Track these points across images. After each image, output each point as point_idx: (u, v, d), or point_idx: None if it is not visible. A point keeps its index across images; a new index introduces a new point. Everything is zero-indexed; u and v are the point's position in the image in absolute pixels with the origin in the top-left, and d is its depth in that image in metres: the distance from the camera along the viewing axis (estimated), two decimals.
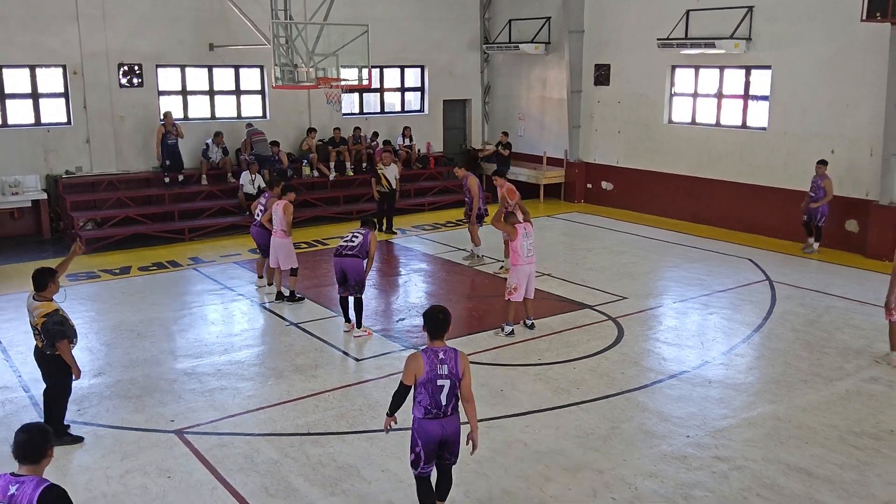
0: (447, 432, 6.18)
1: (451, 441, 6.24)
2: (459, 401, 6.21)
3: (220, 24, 18.45)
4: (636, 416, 8.52)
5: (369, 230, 11.05)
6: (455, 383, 6.08)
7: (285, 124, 20.05)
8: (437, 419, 6.12)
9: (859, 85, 15.06)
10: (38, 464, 4.41)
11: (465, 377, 6.11)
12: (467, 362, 6.16)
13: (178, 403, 8.89)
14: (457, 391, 6.13)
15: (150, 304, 12.53)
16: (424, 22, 21.75)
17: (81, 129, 17.59)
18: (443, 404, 6.08)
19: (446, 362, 6.03)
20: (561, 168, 21.28)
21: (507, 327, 10.90)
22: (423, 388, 6.05)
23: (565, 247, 16.73)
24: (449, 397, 6.09)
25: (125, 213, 17.03)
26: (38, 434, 4.43)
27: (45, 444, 4.43)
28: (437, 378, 6.01)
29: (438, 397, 6.05)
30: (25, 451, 4.38)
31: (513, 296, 10.78)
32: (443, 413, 6.11)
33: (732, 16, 16.76)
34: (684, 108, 18.63)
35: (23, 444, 4.39)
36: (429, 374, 6.00)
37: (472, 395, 6.22)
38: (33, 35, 16.73)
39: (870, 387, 9.29)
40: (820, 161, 15.03)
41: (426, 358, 6.04)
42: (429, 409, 6.09)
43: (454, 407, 6.17)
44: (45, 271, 7.75)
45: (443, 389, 6.04)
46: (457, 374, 6.06)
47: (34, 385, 9.04)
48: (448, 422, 6.16)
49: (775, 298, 12.54)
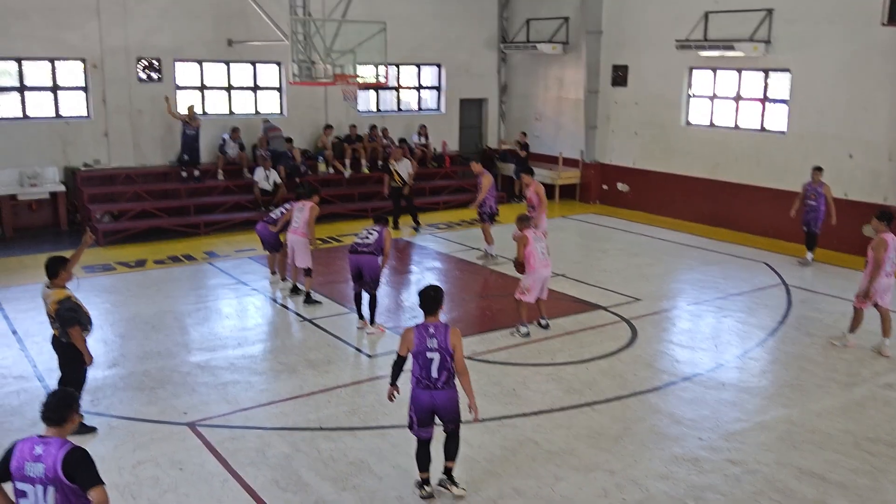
0: (437, 403, 6.60)
1: (442, 411, 6.65)
2: (455, 376, 6.60)
3: (239, 20, 18.52)
4: (648, 418, 8.49)
5: (384, 227, 11.08)
6: (445, 357, 6.49)
7: (302, 121, 20.10)
8: (428, 390, 6.56)
9: (878, 89, 14.94)
10: (63, 427, 4.61)
11: (457, 351, 6.53)
12: (459, 337, 6.57)
13: (192, 396, 8.94)
14: (449, 365, 6.52)
15: (165, 297, 12.60)
16: (442, 20, 21.74)
17: (100, 122, 17.71)
18: (433, 376, 6.52)
19: (436, 336, 6.51)
20: (577, 169, 21.23)
21: (523, 328, 10.87)
22: (415, 359, 6.56)
23: (580, 248, 16.70)
24: (440, 370, 6.52)
25: (142, 207, 17.13)
26: (63, 398, 4.67)
27: (69, 409, 4.65)
28: (427, 351, 6.50)
29: (429, 369, 6.52)
30: (50, 414, 4.59)
31: (524, 296, 10.74)
32: (433, 385, 6.54)
33: (751, 18, 16.66)
34: (702, 111, 18.54)
35: (49, 406, 4.61)
36: (418, 346, 6.51)
37: (466, 369, 6.64)
38: (54, 29, 16.85)
39: (886, 393, 9.21)
40: (816, 167, 14.64)
41: (417, 332, 6.57)
42: (420, 378, 6.56)
43: (446, 381, 6.57)
44: (56, 260, 7.81)
45: (432, 362, 6.50)
46: (447, 349, 6.49)
47: (49, 375, 9.11)
48: (438, 394, 6.57)
49: (791, 302, 12.46)
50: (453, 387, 6.65)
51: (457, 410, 6.71)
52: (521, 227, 10.84)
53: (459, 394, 6.74)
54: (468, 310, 11.93)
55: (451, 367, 6.54)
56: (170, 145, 18.30)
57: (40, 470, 4.43)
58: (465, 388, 6.63)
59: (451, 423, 6.75)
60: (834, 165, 15.70)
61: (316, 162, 19.72)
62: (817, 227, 14.75)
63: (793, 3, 16.10)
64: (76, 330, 7.68)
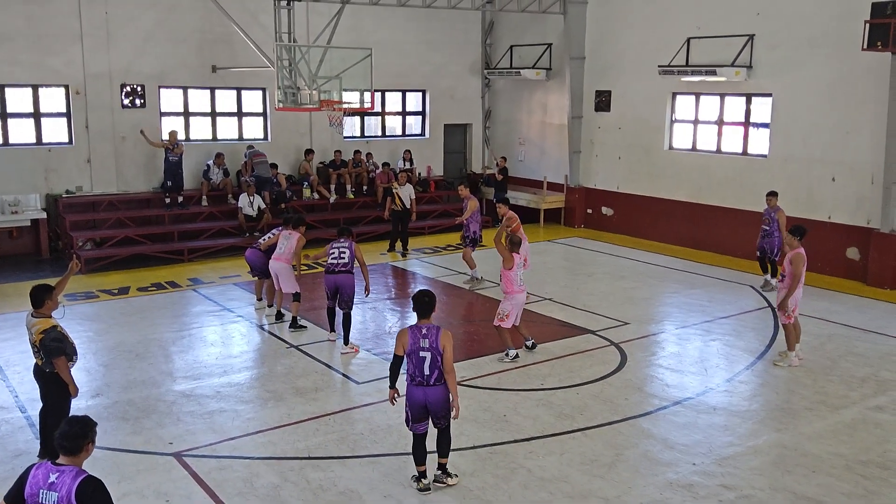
0: (429, 399, 7.11)
1: (434, 406, 7.15)
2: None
3: (224, 46, 18.52)
4: (641, 443, 8.43)
5: (350, 240, 11.35)
6: (436, 357, 7.03)
7: (286, 146, 20.08)
8: (421, 386, 7.10)
9: (860, 113, 15.11)
10: (77, 456, 4.62)
11: (447, 352, 7.06)
12: (449, 339, 7.12)
13: (177, 426, 8.78)
14: (439, 364, 7.05)
15: (149, 324, 12.44)
16: (426, 46, 21.86)
17: (83, 148, 17.59)
18: (426, 373, 7.06)
19: (428, 337, 7.05)
20: (561, 193, 21.30)
21: (512, 352, 10.81)
22: (409, 358, 7.09)
23: (566, 271, 16.69)
24: (432, 368, 7.05)
25: (125, 234, 16.98)
26: (79, 428, 4.65)
27: (85, 438, 4.65)
28: (420, 350, 7.04)
29: (422, 367, 7.05)
30: (66, 443, 4.59)
31: (504, 322, 10.67)
32: (426, 382, 7.07)
33: (733, 44, 16.85)
34: (685, 135, 18.69)
35: (64, 436, 4.60)
36: (412, 346, 7.07)
37: (453, 368, 7.15)
38: (37, 55, 16.77)
39: (876, 415, 9.21)
40: (770, 192, 14.53)
41: (411, 333, 7.13)
42: (414, 376, 7.10)
43: (438, 378, 7.08)
44: (41, 288, 7.69)
45: (425, 360, 7.04)
46: (437, 349, 7.02)
47: (31, 405, 8.93)
48: (431, 390, 7.10)
49: (777, 325, 12.47)
50: (443, 385, 7.14)
51: (448, 407, 7.19)
52: (513, 250, 10.76)
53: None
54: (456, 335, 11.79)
55: (441, 365, 7.05)
56: (153, 171, 18.20)
57: (53, 499, 4.46)
58: (450, 386, 7.13)
59: (443, 419, 7.25)
60: (817, 189, 15.86)
61: (301, 187, 19.66)
62: (773, 253, 14.38)
63: (774, 29, 16.30)
64: (62, 361, 7.53)
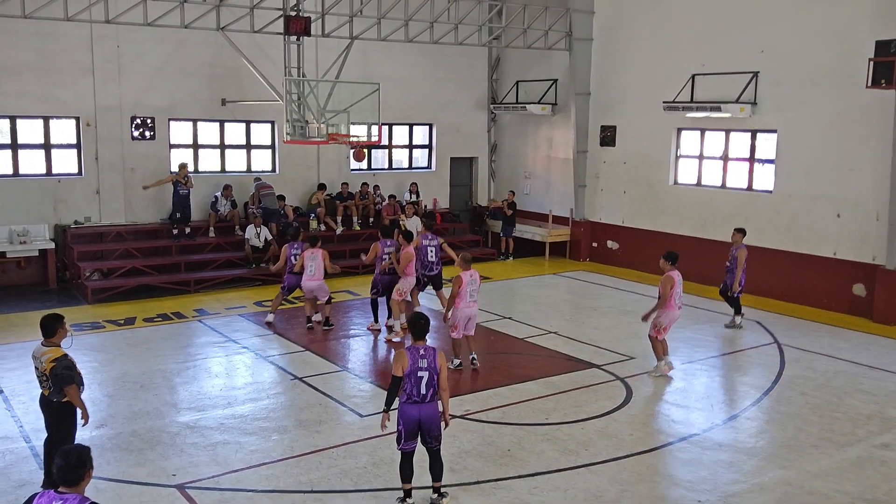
0: (424, 415, 7.45)
1: (428, 423, 7.48)
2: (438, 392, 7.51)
3: (233, 79, 18.75)
4: (646, 480, 8.38)
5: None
6: (433, 376, 7.42)
7: (294, 179, 20.23)
8: (416, 404, 7.43)
9: (864, 149, 15.18)
10: (78, 486, 4.72)
11: (443, 371, 7.51)
12: (444, 359, 7.59)
13: (181, 457, 8.77)
14: (435, 383, 7.44)
15: (154, 355, 12.46)
16: (434, 82, 22.09)
17: (92, 179, 17.75)
18: (422, 392, 7.41)
19: (426, 357, 7.42)
20: (566, 226, 21.36)
21: (456, 360, 11.80)
22: (408, 378, 7.39)
23: (571, 305, 16.70)
24: (428, 387, 7.42)
25: (132, 264, 17.06)
26: (76, 459, 4.74)
27: (84, 468, 4.75)
28: (418, 370, 7.38)
29: (419, 386, 7.39)
30: (64, 475, 4.69)
31: (453, 332, 11.73)
32: (422, 400, 7.43)
33: (738, 80, 17.00)
34: (690, 170, 18.78)
35: (61, 468, 4.69)
36: (412, 366, 7.39)
37: (447, 386, 7.60)
38: (48, 87, 17.00)
39: (882, 453, 9.15)
40: (737, 229, 14.57)
41: (409, 354, 7.45)
42: (411, 395, 7.43)
43: (433, 395, 7.48)
44: (52, 317, 7.75)
45: (422, 380, 7.39)
46: (435, 368, 7.43)
47: (35, 435, 8.93)
48: (426, 407, 7.46)
49: (784, 361, 12.44)
50: (437, 402, 7.55)
51: (440, 427, 7.57)
52: (463, 267, 11.65)
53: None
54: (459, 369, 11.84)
55: (436, 384, 7.45)
56: (161, 202, 18.32)
57: None
58: (444, 402, 7.58)
59: (435, 439, 7.57)
60: (822, 225, 15.88)
61: (308, 219, 19.78)
62: (733, 292, 14.28)
63: (778, 66, 16.45)
64: (73, 388, 7.56)
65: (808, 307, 15.61)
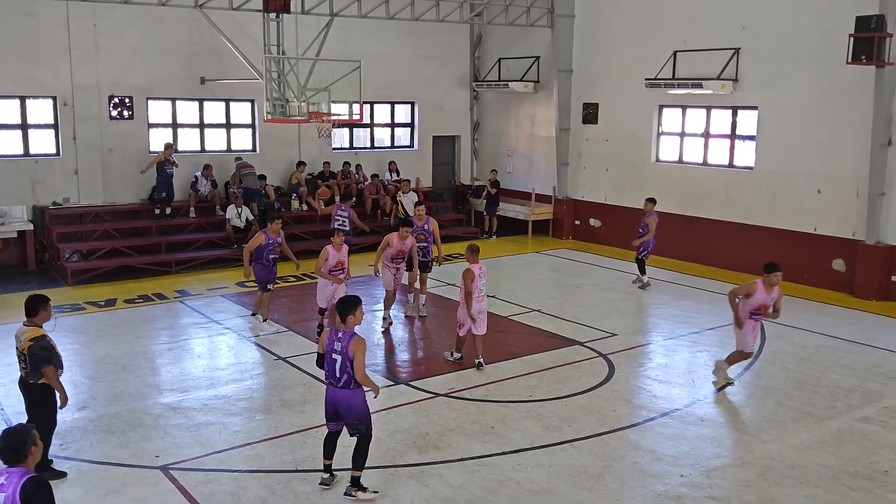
0: (336, 400, 7.24)
1: (341, 409, 7.23)
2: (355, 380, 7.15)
3: (212, 58, 18.52)
4: (629, 455, 8.44)
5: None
6: (346, 361, 7.06)
7: (275, 158, 20.07)
8: (331, 386, 7.25)
9: (845, 125, 15.24)
10: (24, 462, 4.77)
11: (356, 359, 7.05)
12: (360, 347, 7.08)
13: (164, 439, 8.73)
14: (349, 369, 7.06)
15: (136, 336, 12.37)
16: (415, 59, 21.93)
17: (70, 160, 17.52)
18: (336, 375, 7.17)
19: (342, 341, 7.12)
20: (549, 204, 21.37)
21: (457, 354, 11.24)
22: (324, 358, 7.26)
23: (554, 283, 16.73)
24: (341, 372, 7.12)
25: (112, 245, 16.89)
26: (15, 437, 4.79)
27: (24, 445, 4.77)
28: (332, 352, 7.17)
29: (333, 368, 7.18)
30: (4, 454, 4.77)
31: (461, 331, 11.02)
32: (335, 384, 7.19)
33: (719, 57, 16.99)
34: (671, 147, 18.80)
35: (3, 449, 4.77)
36: (326, 347, 7.23)
37: (364, 377, 7.12)
38: (24, 67, 16.71)
39: (862, 426, 9.26)
40: (648, 199, 15.89)
41: (328, 334, 7.29)
42: (327, 375, 7.29)
43: (346, 382, 7.13)
44: (36, 297, 7.70)
45: (336, 363, 7.15)
46: (347, 354, 7.05)
47: (16, 418, 8.83)
48: (338, 392, 7.20)
49: (765, 337, 12.53)
50: (354, 391, 7.18)
51: (359, 416, 7.23)
52: (472, 260, 10.87)
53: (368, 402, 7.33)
54: (445, 346, 11.84)
55: (350, 371, 7.06)
56: (141, 183, 18.14)
57: (1, 500, 4.60)
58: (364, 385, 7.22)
59: (353, 427, 7.30)
60: (803, 201, 15.97)
61: (290, 199, 19.65)
62: (640, 253, 15.74)
63: (759, 43, 16.45)
64: (50, 369, 7.49)
65: (789, 283, 15.67)
